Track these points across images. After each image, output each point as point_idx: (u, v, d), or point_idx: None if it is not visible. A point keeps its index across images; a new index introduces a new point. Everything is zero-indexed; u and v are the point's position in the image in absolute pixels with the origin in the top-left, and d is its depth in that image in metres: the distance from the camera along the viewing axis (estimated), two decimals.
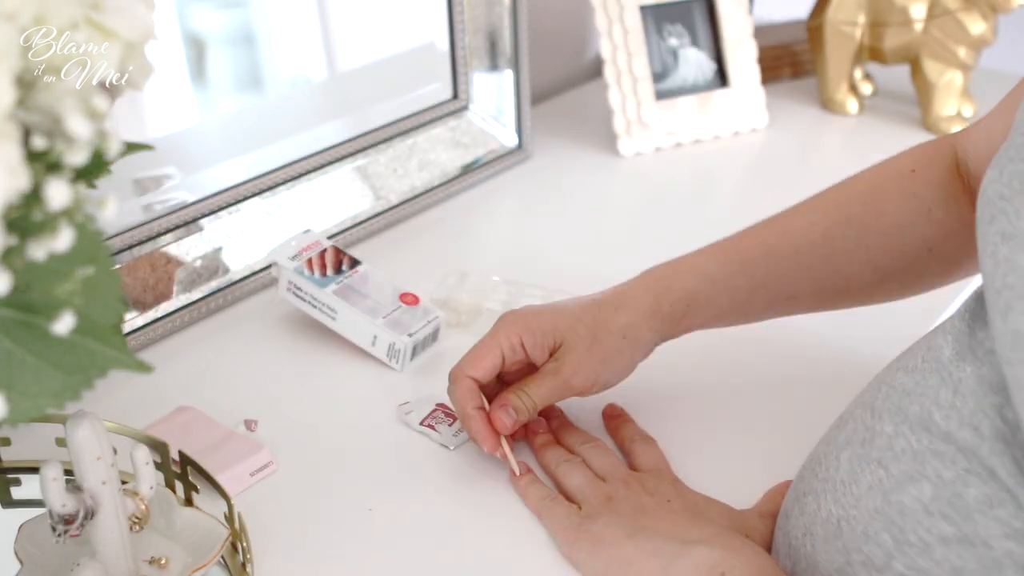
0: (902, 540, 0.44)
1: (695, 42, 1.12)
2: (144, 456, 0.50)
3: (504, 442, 0.60)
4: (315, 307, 0.74)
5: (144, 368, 0.35)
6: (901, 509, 0.44)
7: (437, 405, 0.68)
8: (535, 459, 0.64)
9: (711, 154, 1.11)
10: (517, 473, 0.61)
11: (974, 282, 0.75)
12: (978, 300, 0.45)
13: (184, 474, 0.56)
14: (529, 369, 0.63)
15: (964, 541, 0.42)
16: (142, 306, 0.76)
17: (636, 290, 0.63)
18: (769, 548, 0.55)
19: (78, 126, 0.31)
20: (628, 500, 0.56)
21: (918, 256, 0.63)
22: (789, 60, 1.30)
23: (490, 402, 0.61)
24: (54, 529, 0.47)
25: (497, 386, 0.63)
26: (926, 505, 0.43)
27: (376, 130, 0.95)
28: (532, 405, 0.60)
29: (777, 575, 0.50)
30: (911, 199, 0.62)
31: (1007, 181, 0.42)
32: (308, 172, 0.89)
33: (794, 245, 0.63)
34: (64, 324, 0.33)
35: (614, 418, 0.66)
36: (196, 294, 0.79)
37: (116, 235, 0.75)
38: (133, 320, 0.75)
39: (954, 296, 0.78)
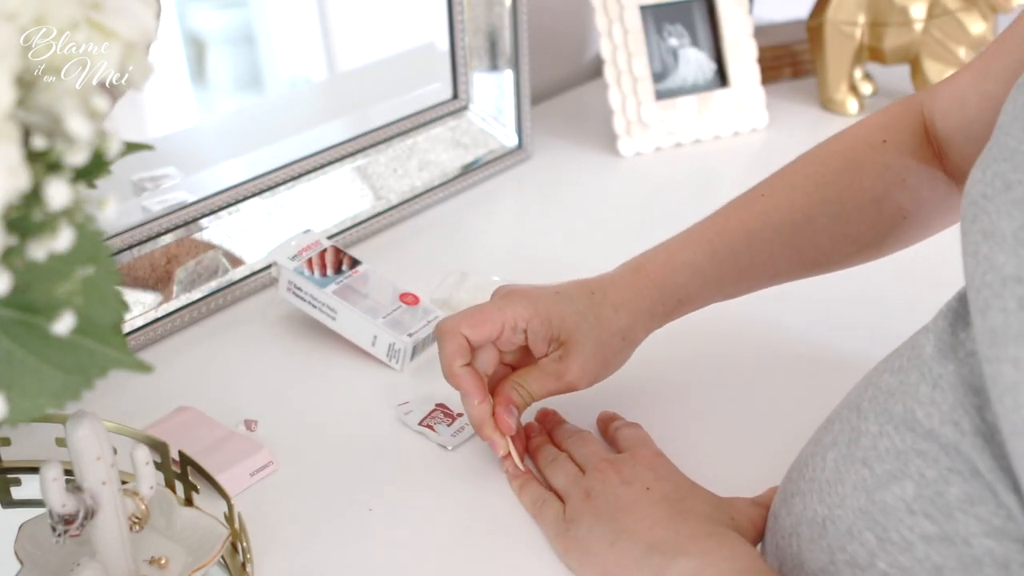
0: (885, 539, 0.44)
1: (695, 42, 1.12)
2: (144, 456, 0.50)
3: (509, 442, 0.61)
4: (315, 307, 0.74)
5: (144, 368, 0.35)
6: (884, 508, 0.44)
7: (436, 405, 0.68)
8: (532, 461, 0.64)
9: (711, 154, 1.11)
10: (522, 469, 0.61)
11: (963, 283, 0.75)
12: (960, 300, 0.46)
13: (184, 474, 0.56)
14: (524, 351, 0.62)
15: (945, 539, 0.42)
16: (142, 306, 0.76)
17: (630, 289, 0.62)
18: (759, 535, 0.56)
19: (78, 126, 0.31)
20: (605, 494, 0.56)
21: (894, 224, 0.64)
22: (789, 60, 1.30)
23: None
24: (54, 529, 0.47)
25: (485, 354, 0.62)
26: (909, 504, 0.43)
27: (376, 130, 0.95)
28: (531, 399, 0.61)
29: (760, 569, 0.50)
30: (886, 171, 0.63)
31: (990, 180, 0.42)
32: (308, 172, 0.89)
33: (776, 227, 0.63)
34: (64, 324, 0.33)
35: (604, 420, 0.67)
36: (196, 294, 0.79)
37: (116, 235, 0.75)
38: (133, 320, 0.75)
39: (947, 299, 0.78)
